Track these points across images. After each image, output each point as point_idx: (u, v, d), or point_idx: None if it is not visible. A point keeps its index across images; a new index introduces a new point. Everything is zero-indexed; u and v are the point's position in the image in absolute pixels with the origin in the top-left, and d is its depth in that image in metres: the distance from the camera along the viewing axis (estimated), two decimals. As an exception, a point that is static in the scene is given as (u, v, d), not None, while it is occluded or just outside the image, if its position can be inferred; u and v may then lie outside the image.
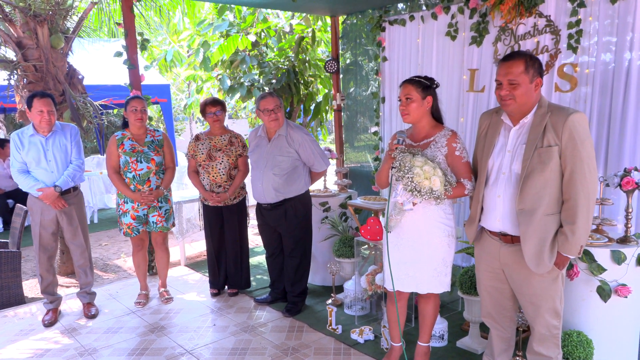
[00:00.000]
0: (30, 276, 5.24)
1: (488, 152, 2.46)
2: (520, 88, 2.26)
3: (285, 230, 3.86)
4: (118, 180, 3.93)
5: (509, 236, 2.40)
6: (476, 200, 2.53)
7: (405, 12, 5.11)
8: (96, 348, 3.48)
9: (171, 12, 7.20)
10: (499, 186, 2.40)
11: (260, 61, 6.51)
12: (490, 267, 2.53)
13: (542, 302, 2.36)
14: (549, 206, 2.26)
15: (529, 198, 2.27)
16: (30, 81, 4.63)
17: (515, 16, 4.00)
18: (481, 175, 2.51)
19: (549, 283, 2.35)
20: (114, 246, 6.37)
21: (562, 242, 2.25)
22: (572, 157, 2.19)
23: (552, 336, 2.42)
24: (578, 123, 2.20)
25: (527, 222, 2.28)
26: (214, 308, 4.11)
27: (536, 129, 2.27)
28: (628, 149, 3.56)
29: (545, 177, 2.24)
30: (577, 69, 3.77)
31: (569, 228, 2.22)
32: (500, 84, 2.31)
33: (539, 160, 2.24)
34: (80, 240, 3.93)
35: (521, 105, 2.31)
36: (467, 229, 2.63)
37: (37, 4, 4.49)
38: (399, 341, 3.01)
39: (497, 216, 2.42)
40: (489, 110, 2.60)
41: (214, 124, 4.09)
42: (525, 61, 2.26)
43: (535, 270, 2.30)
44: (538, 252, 2.28)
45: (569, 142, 2.19)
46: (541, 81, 2.30)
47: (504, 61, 2.32)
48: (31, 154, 3.70)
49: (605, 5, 3.59)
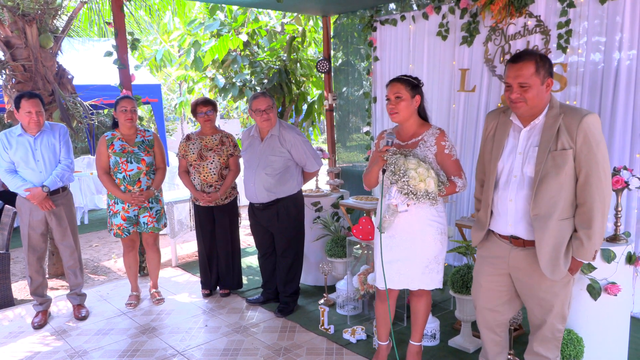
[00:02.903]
0: (20, 278, 5.19)
1: (497, 154, 2.35)
2: (531, 90, 2.16)
3: (278, 230, 3.85)
4: (108, 181, 3.90)
5: (520, 240, 2.31)
6: (485, 204, 2.41)
7: (397, 12, 5.12)
8: (86, 350, 3.45)
9: (162, 12, 7.16)
10: (510, 190, 2.30)
11: (252, 61, 6.50)
12: (497, 270, 2.42)
13: (551, 306, 2.30)
14: (564, 211, 2.19)
15: (544, 203, 2.19)
16: (19, 81, 4.58)
17: (505, 16, 4.02)
18: (490, 179, 2.39)
19: (560, 288, 2.28)
20: (105, 247, 6.32)
21: (577, 247, 2.18)
22: (587, 160, 2.11)
23: (555, 339, 2.38)
24: (593, 125, 2.12)
25: (543, 227, 2.19)
26: (206, 309, 4.10)
27: (549, 131, 2.18)
28: (617, 148, 3.59)
29: (560, 181, 2.16)
30: (566, 68, 3.80)
31: (585, 233, 2.15)
32: (510, 86, 2.20)
33: (554, 164, 2.15)
34: (69, 241, 3.90)
35: (532, 108, 2.20)
36: (474, 233, 2.51)
37: (25, 3, 4.44)
38: (386, 340, 3.02)
39: (509, 220, 2.32)
40: (495, 110, 2.49)
41: (205, 124, 4.08)
42: (536, 62, 2.15)
43: (551, 277, 2.22)
44: (554, 258, 2.20)
45: (583, 145, 2.11)
46: (552, 81, 2.20)
47: (513, 62, 2.19)
48: (19, 153, 3.66)
49: (594, 5, 3.62)
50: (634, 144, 3.53)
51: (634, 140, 3.53)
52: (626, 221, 3.59)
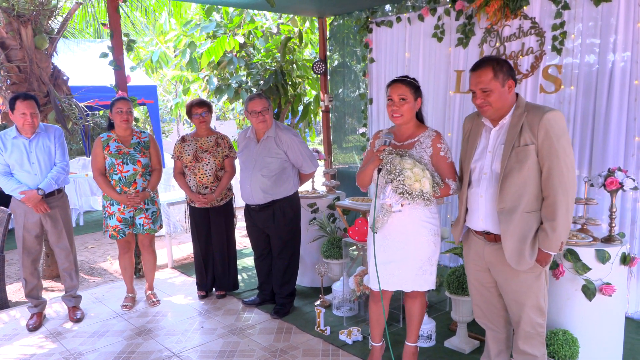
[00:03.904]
0: (14, 280, 5.16)
1: (471, 154, 2.51)
2: (493, 94, 2.30)
3: (274, 232, 3.84)
4: (104, 183, 3.89)
5: (492, 235, 2.44)
6: (460, 201, 2.58)
7: (392, 14, 5.13)
8: (82, 352, 3.44)
9: (157, 13, 7.15)
10: (480, 186, 2.44)
11: (248, 62, 6.49)
12: (478, 266, 2.56)
13: (525, 299, 2.39)
14: (529, 204, 2.30)
15: (508, 197, 2.31)
16: (13, 82, 4.56)
17: (500, 18, 4.04)
18: (465, 177, 2.55)
19: (532, 280, 2.38)
20: (100, 249, 6.30)
21: (543, 239, 2.28)
22: (549, 154, 2.22)
23: (537, 334, 2.45)
24: (554, 120, 2.23)
25: (507, 220, 2.32)
26: (202, 310, 4.09)
27: (514, 129, 2.31)
28: (612, 149, 3.61)
29: (523, 175, 2.27)
30: (561, 70, 3.82)
31: (549, 225, 2.25)
32: (474, 92, 2.36)
33: (517, 160, 2.28)
34: (65, 243, 3.88)
35: (498, 109, 2.35)
36: (453, 230, 2.68)
37: (20, 4, 4.43)
38: (380, 341, 3.02)
39: (480, 216, 2.46)
40: (472, 114, 2.63)
41: (200, 125, 4.07)
42: (493, 67, 2.29)
43: (516, 267, 2.34)
44: (518, 249, 2.31)
45: (545, 140, 2.23)
46: (513, 82, 2.34)
47: (473, 71, 2.36)
48: (14, 156, 3.64)
49: (589, 7, 3.63)
50: (628, 145, 3.54)
51: (628, 141, 3.54)
52: (620, 222, 3.60)
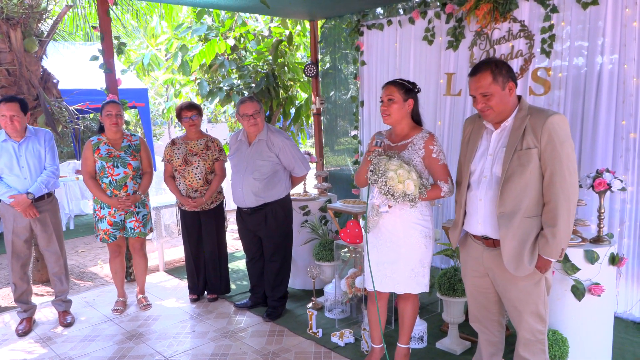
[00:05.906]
0: (4, 284, 5.11)
1: (471, 157, 2.46)
2: (494, 98, 2.26)
3: (266, 235, 3.84)
4: (94, 186, 3.86)
5: (490, 240, 2.38)
6: (459, 204, 2.51)
7: (383, 17, 5.16)
8: (72, 357, 3.41)
9: (148, 16, 7.13)
10: (480, 189, 2.38)
11: (239, 65, 6.49)
12: (476, 271, 2.51)
13: (525, 306, 2.34)
14: (529, 209, 2.24)
15: (509, 201, 2.25)
16: (2, 85, 4.52)
17: (490, 21, 4.07)
18: (464, 180, 2.49)
19: (532, 287, 2.32)
20: (91, 253, 6.25)
21: (543, 245, 2.23)
22: (552, 158, 2.17)
23: (538, 341, 2.39)
24: (557, 125, 2.17)
25: (507, 225, 2.26)
26: (193, 314, 4.07)
27: (516, 132, 2.26)
28: (600, 150, 3.64)
29: (524, 179, 2.22)
30: (550, 72, 3.85)
31: (550, 231, 2.19)
32: (475, 97, 2.32)
33: (519, 163, 2.22)
34: (54, 247, 3.85)
35: (500, 113, 2.30)
36: (450, 234, 2.61)
37: (10, 6, 4.40)
38: (380, 343, 3.02)
39: (479, 220, 2.40)
40: (473, 116, 2.58)
41: (190, 129, 4.06)
42: (492, 71, 2.25)
43: (515, 273, 2.27)
44: (517, 255, 2.25)
45: (548, 144, 2.17)
46: (514, 85, 2.28)
47: (471, 76, 2.32)
48: (3, 160, 3.61)
49: (577, 10, 3.67)
50: (616, 146, 3.58)
51: (616, 143, 3.58)
52: (609, 223, 3.64)
